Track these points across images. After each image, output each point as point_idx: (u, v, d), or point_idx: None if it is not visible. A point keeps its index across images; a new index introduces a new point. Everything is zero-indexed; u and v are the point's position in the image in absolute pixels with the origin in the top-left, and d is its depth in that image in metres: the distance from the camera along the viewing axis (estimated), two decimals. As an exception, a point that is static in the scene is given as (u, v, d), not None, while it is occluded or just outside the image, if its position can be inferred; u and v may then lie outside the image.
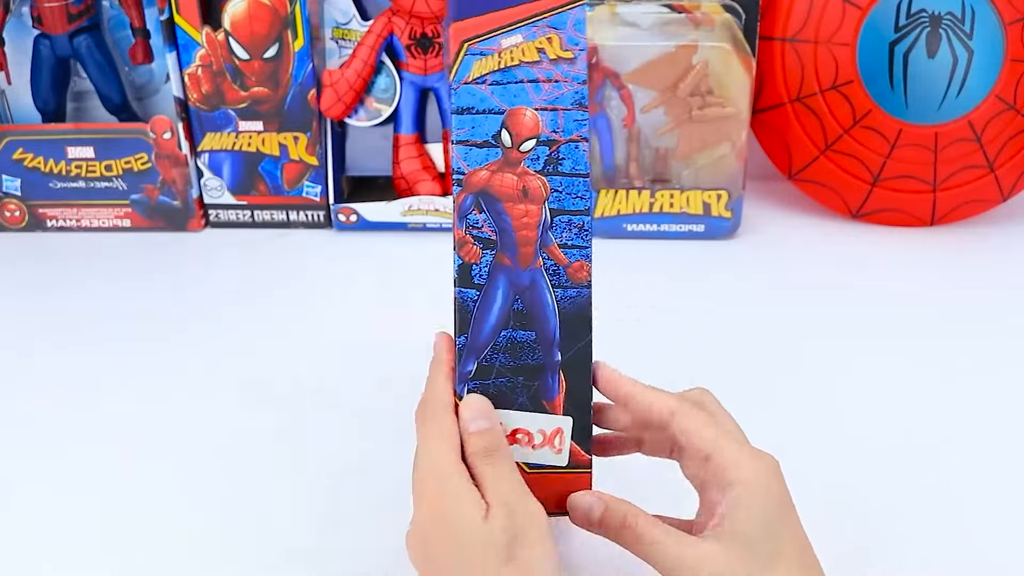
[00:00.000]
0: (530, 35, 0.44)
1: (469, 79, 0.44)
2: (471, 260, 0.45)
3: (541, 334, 0.45)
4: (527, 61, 0.44)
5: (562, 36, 0.45)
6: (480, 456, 0.43)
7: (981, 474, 0.58)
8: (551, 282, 0.45)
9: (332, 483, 0.59)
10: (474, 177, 0.44)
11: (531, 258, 0.45)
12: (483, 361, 0.45)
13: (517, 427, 0.46)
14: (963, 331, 0.73)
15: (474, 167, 0.44)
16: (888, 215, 0.88)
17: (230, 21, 0.84)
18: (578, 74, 0.45)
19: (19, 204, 0.90)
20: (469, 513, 0.41)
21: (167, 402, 0.67)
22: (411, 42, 0.86)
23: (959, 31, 0.81)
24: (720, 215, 0.86)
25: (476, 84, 0.44)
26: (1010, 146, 0.84)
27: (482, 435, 0.44)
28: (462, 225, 0.45)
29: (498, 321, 0.45)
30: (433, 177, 0.89)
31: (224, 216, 0.91)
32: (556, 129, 0.45)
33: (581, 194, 0.45)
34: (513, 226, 0.45)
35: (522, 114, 0.44)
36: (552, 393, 0.45)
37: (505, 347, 0.45)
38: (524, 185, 0.45)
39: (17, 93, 0.89)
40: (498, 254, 0.45)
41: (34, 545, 0.55)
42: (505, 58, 0.44)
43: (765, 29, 0.85)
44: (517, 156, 0.45)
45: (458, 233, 0.45)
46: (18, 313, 0.78)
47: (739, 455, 0.43)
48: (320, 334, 0.74)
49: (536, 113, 0.45)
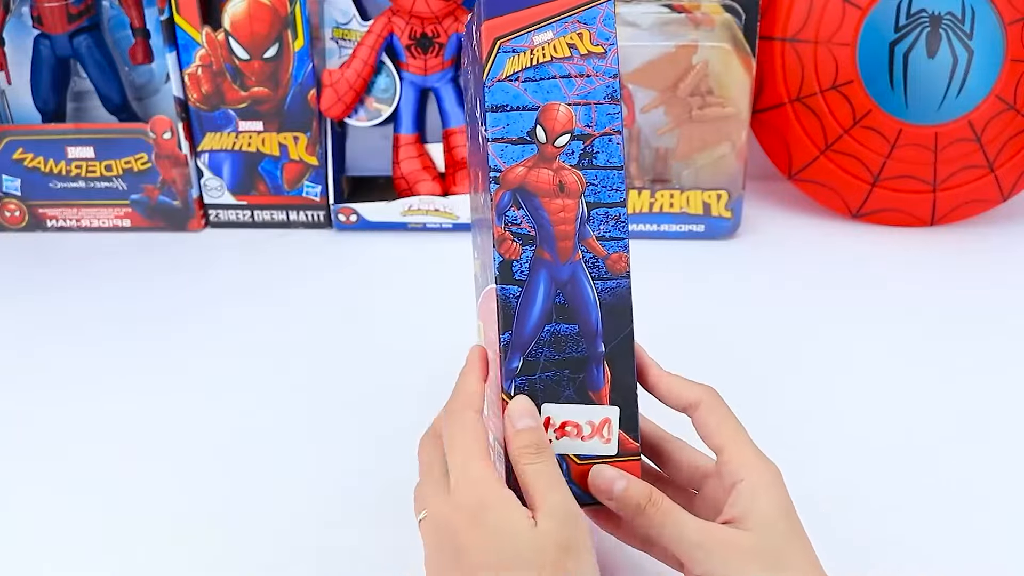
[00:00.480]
0: (561, 31, 0.44)
1: (502, 76, 0.44)
2: (511, 257, 0.45)
3: (584, 326, 0.45)
4: (559, 57, 0.45)
5: (592, 31, 0.45)
6: (527, 454, 0.43)
7: (981, 474, 0.58)
8: (591, 274, 0.45)
9: (332, 483, 0.59)
10: (511, 174, 0.45)
11: (570, 252, 0.45)
12: (528, 356, 0.45)
13: (566, 420, 0.46)
14: (963, 331, 0.73)
15: (510, 164, 0.44)
16: (888, 215, 0.88)
17: (230, 21, 0.84)
18: (609, 68, 0.45)
19: (19, 204, 0.90)
20: (517, 521, 0.40)
21: (167, 402, 0.67)
22: (411, 42, 0.86)
23: (959, 31, 0.81)
24: (720, 215, 0.86)
25: (509, 81, 0.44)
26: (1010, 146, 0.84)
27: (531, 432, 0.44)
28: (500, 222, 0.45)
29: (541, 316, 0.45)
30: (433, 177, 0.89)
31: (224, 216, 0.91)
32: (589, 123, 0.45)
33: (616, 186, 0.45)
34: (551, 221, 0.45)
35: (556, 109, 0.45)
36: (598, 384, 0.46)
37: (549, 341, 0.45)
38: (560, 180, 0.45)
39: (17, 93, 0.89)
40: (537, 249, 0.45)
41: (34, 545, 0.55)
42: (537, 55, 0.44)
43: (765, 29, 0.85)
44: (552, 151, 0.45)
45: (497, 230, 0.45)
46: (18, 313, 0.78)
47: (751, 456, 0.44)
48: (320, 334, 0.74)
49: (569, 108, 0.45)
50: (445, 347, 0.57)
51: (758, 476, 0.43)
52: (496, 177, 0.44)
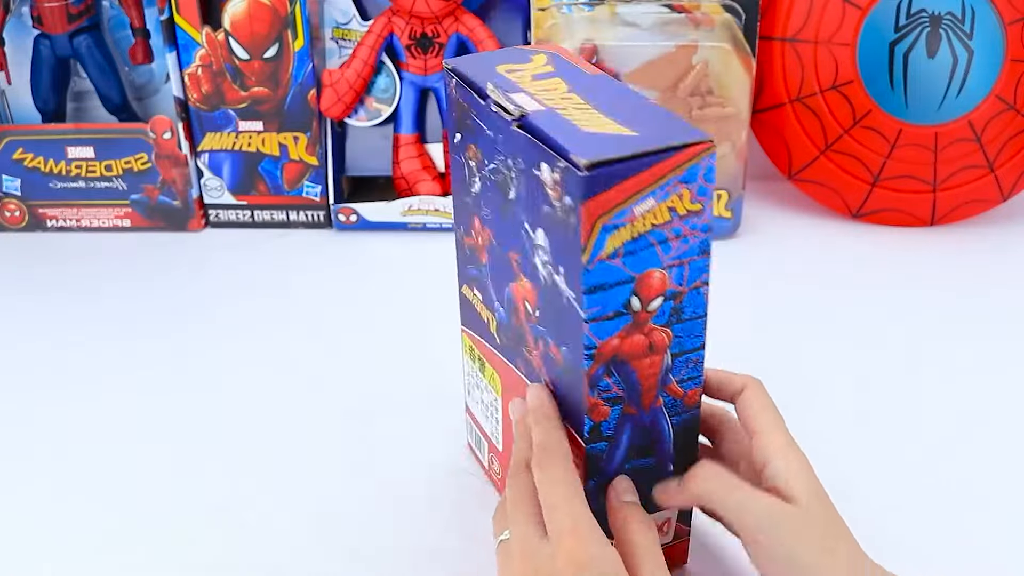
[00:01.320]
0: (662, 196, 0.40)
1: (603, 256, 0.40)
2: (601, 419, 0.45)
3: (658, 456, 0.47)
4: (658, 224, 0.41)
5: (692, 189, 0.41)
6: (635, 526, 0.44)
7: (981, 474, 0.58)
8: (668, 413, 0.46)
9: (331, 483, 0.59)
10: (606, 348, 0.43)
11: (652, 399, 0.45)
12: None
13: None
14: (963, 331, 0.73)
15: (605, 339, 0.42)
16: (888, 215, 0.88)
17: (230, 21, 0.84)
18: (705, 224, 0.42)
19: (19, 204, 0.90)
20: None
21: (167, 401, 0.67)
22: (411, 42, 0.86)
23: (959, 31, 0.81)
24: (720, 215, 0.86)
25: (610, 260, 0.40)
26: (1010, 146, 0.84)
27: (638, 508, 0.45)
28: (593, 393, 0.44)
29: (623, 460, 0.46)
30: (433, 177, 0.89)
31: (224, 216, 0.91)
32: (681, 282, 0.43)
33: (699, 333, 0.44)
34: (639, 379, 0.44)
35: (651, 277, 0.42)
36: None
37: (627, 471, 0.47)
38: (651, 342, 0.44)
39: (17, 93, 0.89)
40: (625, 406, 0.45)
41: (34, 545, 0.55)
42: (638, 226, 0.40)
43: (765, 29, 0.85)
44: (645, 316, 0.43)
45: (589, 400, 0.44)
46: (18, 313, 0.78)
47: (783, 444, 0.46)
48: (320, 334, 0.74)
49: (664, 272, 0.42)
50: (445, 347, 0.57)
51: (787, 462, 0.45)
52: (591, 354, 0.42)
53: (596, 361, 0.43)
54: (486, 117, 0.45)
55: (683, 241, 0.42)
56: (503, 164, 0.45)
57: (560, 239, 0.41)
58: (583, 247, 0.39)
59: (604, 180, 0.38)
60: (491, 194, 0.47)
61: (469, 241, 0.52)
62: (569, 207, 0.39)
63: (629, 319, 0.42)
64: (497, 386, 0.53)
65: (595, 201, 0.39)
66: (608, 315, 0.42)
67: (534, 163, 0.41)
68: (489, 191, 0.47)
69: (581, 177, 0.38)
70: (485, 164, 0.47)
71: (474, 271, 0.52)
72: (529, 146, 0.41)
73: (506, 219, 0.46)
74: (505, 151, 0.44)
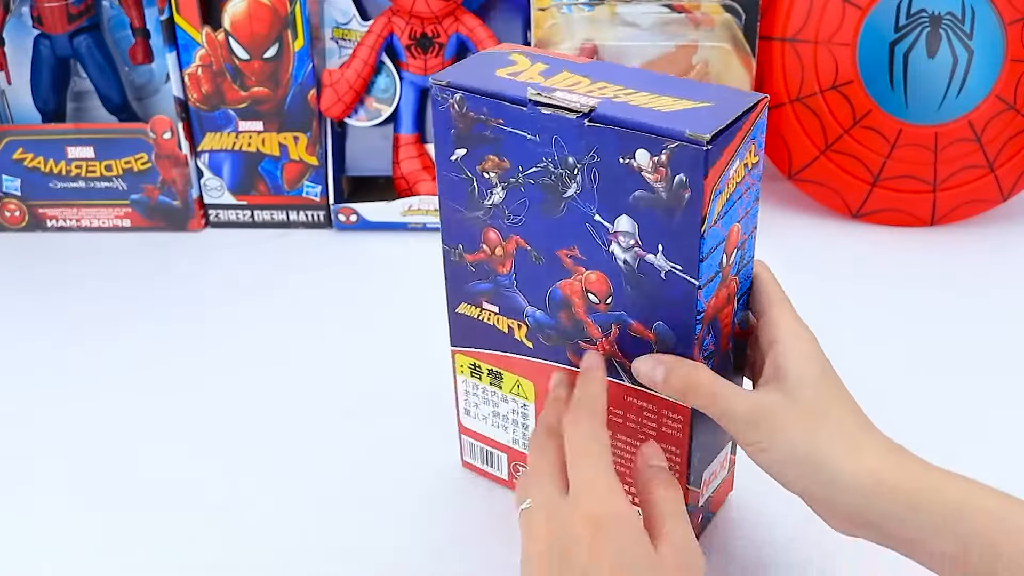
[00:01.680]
0: (742, 155, 0.43)
1: (713, 222, 0.43)
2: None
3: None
4: (739, 182, 0.44)
5: (755, 143, 0.44)
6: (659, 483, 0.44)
7: (981, 474, 0.58)
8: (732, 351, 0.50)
9: (332, 483, 0.59)
10: (710, 309, 0.45)
11: (727, 343, 0.49)
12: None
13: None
14: (963, 331, 0.73)
15: (708, 299, 0.45)
16: (888, 215, 0.88)
17: (230, 21, 0.84)
18: (758, 172, 0.46)
19: (19, 204, 0.90)
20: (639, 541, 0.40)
21: (166, 401, 0.67)
22: (411, 42, 0.86)
23: (959, 31, 0.81)
24: (720, 215, 0.86)
25: (716, 225, 0.43)
26: (1010, 146, 0.84)
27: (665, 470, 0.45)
28: (699, 356, 0.46)
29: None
30: (433, 177, 0.89)
31: (224, 216, 0.91)
32: (747, 231, 0.47)
33: (748, 274, 0.49)
34: (721, 328, 0.47)
35: (734, 231, 0.45)
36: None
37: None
38: (728, 292, 0.47)
39: (17, 93, 0.89)
40: (716, 358, 0.48)
41: (34, 545, 0.55)
42: (730, 187, 0.43)
43: (765, 29, 0.85)
44: (727, 270, 0.46)
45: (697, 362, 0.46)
46: (18, 313, 0.78)
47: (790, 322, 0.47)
48: (320, 334, 0.74)
49: (739, 224, 0.45)
50: (445, 347, 0.57)
51: (794, 339, 0.46)
52: (701, 318, 0.45)
53: (703, 323, 0.45)
54: (526, 122, 0.45)
55: (749, 192, 0.45)
56: (555, 163, 0.45)
57: (658, 218, 0.43)
58: (703, 218, 0.42)
59: (717, 151, 0.41)
60: (527, 199, 0.47)
61: (475, 257, 0.51)
62: (681, 183, 0.41)
63: (721, 276, 0.45)
64: (526, 392, 0.53)
65: (713, 171, 0.41)
66: (711, 277, 0.44)
67: (623, 152, 0.42)
68: (523, 196, 0.47)
69: (702, 152, 0.40)
70: (519, 170, 0.46)
71: (484, 285, 0.52)
72: (615, 137, 0.42)
73: (557, 218, 0.46)
74: (562, 151, 0.44)
